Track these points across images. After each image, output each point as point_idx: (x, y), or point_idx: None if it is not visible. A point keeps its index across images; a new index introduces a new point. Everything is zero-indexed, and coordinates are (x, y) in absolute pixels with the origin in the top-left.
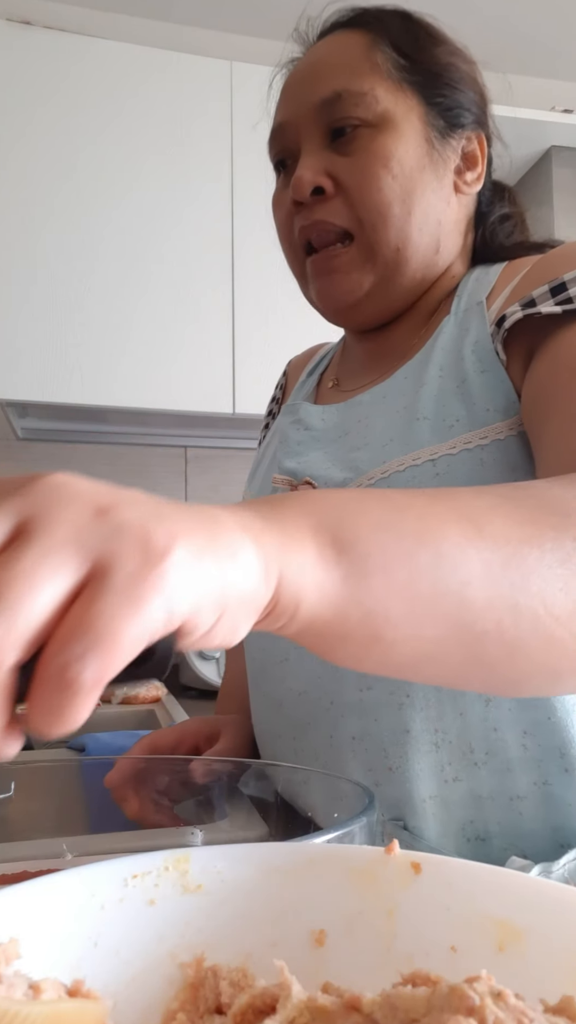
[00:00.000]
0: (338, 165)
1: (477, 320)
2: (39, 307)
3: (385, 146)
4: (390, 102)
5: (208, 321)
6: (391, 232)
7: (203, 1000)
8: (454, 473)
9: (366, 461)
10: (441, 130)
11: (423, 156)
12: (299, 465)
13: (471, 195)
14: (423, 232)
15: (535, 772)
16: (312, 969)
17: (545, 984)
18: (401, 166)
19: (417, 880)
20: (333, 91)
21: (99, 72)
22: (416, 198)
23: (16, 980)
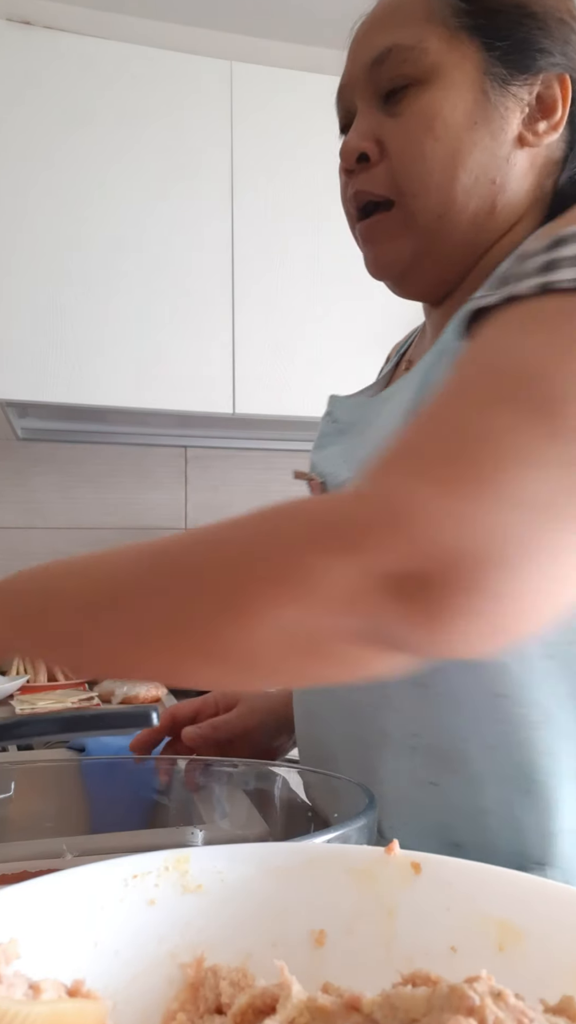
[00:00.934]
0: (386, 128)
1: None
2: (39, 307)
3: (431, 105)
4: (442, 52)
5: (208, 321)
6: (431, 199)
7: (203, 1000)
8: None
9: (364, 460)
10: (502, 78)
11: (474, 111)
12: (319, 459)
13: (543, 145)
14: (471, 195)
15: (501, 788)
16: (312, 969)
17: (545, 984)
18: (446, 126)
19: (417, 880)
20: (384, 47)
21: (99, 72)
22: (462, 159)
23: (16, 980)
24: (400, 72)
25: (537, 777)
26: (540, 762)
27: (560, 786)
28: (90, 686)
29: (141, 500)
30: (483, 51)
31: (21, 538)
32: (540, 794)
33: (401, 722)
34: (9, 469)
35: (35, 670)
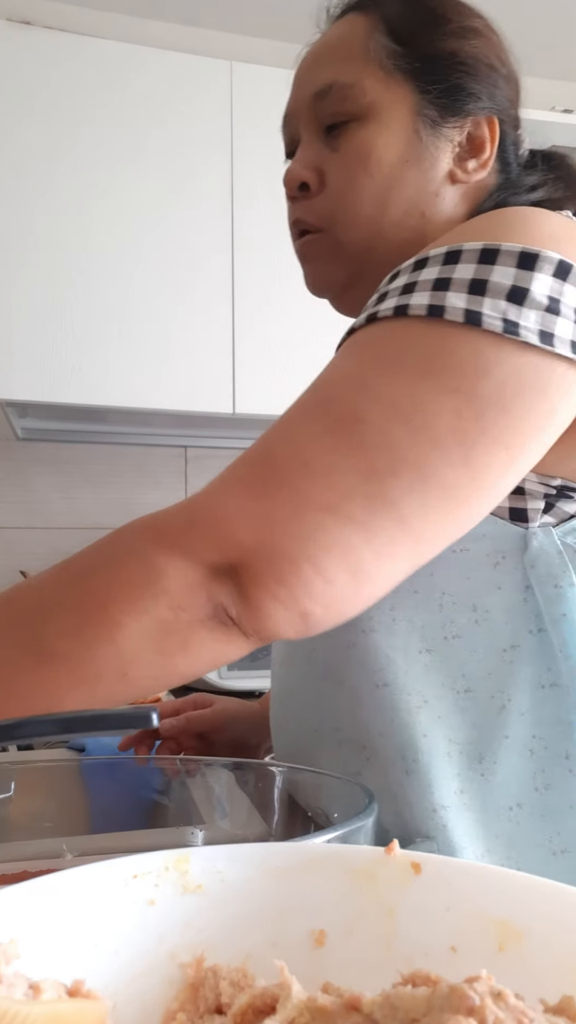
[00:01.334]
0: (327, 160)
1: None
2: (39, 307)
3: (366, 142)
4: (379, 92)
5: (208, 321)
6: (361, 231)
7: (203, 1000)
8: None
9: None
10: (434, 120)
11: (406, 151)
12: None
13: (474, 181)
14: (400, 227)
15: (393, 770)
16: (312, 969)
17: (545, 984)
18: (380, 163)
19: (417, 880)
20: (325, 83)
21: (99, 72)
22: (394, 195)
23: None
24: (340, 108)
25: (418, 757)
26: (419, 743)
27: (437, 765)
28: None
29: (141, 500)
30: (416, 93)
31: (21, 538)
32: (421, 773)
33: (327, 718)
34: (9, 469)
35: None
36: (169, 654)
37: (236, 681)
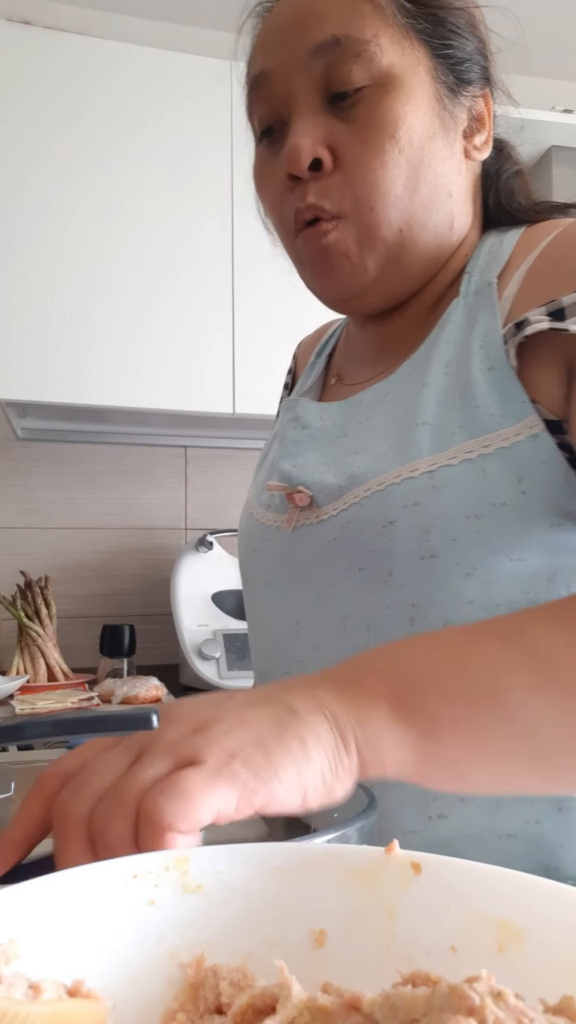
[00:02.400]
0: (338, 134)
1: (487, 306)
2: (39, 307)
3: (393, 111)
4: (396, 54)
5: (208, 321)
6: (391, 213)
7: (203, 1000)
8: (452, 486)
9: (363, 469)
10: (451, 87)
11: (434, 120)
12: (294, 468)
13: (481, 159)
14: (431, 209)
15: (527, 810)
16: (312, 969)
17: (545, 984)
18: (410, 135)
19: (417, 880)
20: (331, 35)
21: (99, 72)
22: (423, 171)
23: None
24: (351, 69)
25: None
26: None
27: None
28: (90, 686)
29: (141, 500)
30: (432, 58)
31: (21, 538)
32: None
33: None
34: (9, 469)
35: (35, 670)
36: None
37: (237, 681)
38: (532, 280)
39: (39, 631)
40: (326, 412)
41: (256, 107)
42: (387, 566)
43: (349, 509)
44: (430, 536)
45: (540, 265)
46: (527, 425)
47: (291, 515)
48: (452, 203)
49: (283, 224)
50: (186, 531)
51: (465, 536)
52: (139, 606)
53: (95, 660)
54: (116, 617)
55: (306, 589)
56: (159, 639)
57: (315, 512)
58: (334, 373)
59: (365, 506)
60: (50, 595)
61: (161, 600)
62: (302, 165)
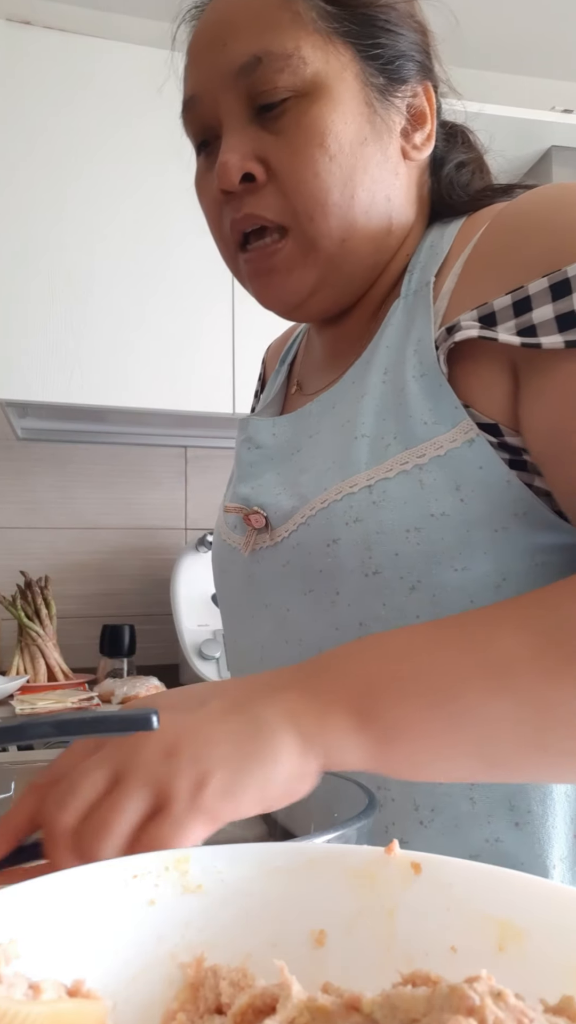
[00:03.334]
0: (267, 145)
1: (423, 308)
2: (39, 307)
3: (320, 119)
4: (320, 61)
5: (208, 321)
6: (332, 222)
7: (203, 1000)
8: (391, 500)
9: (309, 487)
10: (381, 89)
11: (363, 125)
12: (252, 491)
13: (421, 158)
14: (370, 215)
15: (485, 828)
16: (312, 969)
17: (545, 984)
18: (339, 142)
19: (417, 880)
20: (251, 55)
21: (99, 72)
22: (359, 178)
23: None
24: (275, 83)
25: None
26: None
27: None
28: (90, 686)
29: (141, 500)
30: (359, 60)
31: (21, 538)
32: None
33: (365, 778)
34: (9, 469)
35: (35, 670)
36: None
37: None
38: (466, 278)
39: (39, 631)
40: (278, 428)
41: (188, 126)
42: (333, 585)
43: (298, 530)
44: (372, 552)
45: (473, 260)
46: (461, 431)
47: (248, 538)
48: (391, 206)
49: (222, 238)
50: (186, 531)
51: (406, 550)
52: (139, 606)
53: (95, 660)
54: (116, 617)
55: (266, 615)
56: (159, 639)
57: (270, 534)
58: (295, 381)
59: (311, 525)
60: (50, 595)
61: (161, 600)
62: (233, 180)
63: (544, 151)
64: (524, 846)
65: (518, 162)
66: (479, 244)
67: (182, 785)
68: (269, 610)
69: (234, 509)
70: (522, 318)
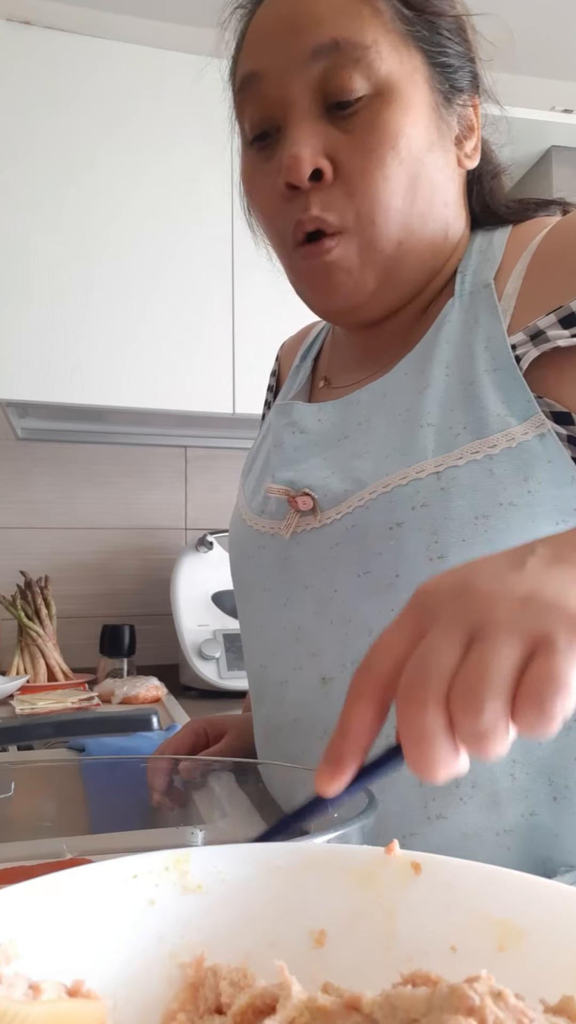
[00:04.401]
0: (338, 143)
1: (486, 307)
2: (39, 307)
3: (393, 122)
4: (394, 62)
5: (208, 321)
6: (392, 226)
7: (203, 1000)
8: (460, 486)
9: (367, 472)
10: (446, 96)
11: (431, 130)
12: (297, 474)
13: (473, 166)
14: (427, 219)
15: (523, 803)
16: (312, 969)
17: (545, 984)
18: (410, 147)
19: (417, 880)
20: (330, 38)
21: (99, 72)
22: (422, 183)
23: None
24: (351, 76)
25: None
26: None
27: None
28: (90, 686)
29: (141, 500)
30: (427, 66)
31: (21, 538)
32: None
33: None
34: (9, 469)
35: (35, 670)
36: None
37: (237, 681)
38: (532, 281)
39: (39, 631)
40: (323, 413)
41: (247, 108)
42: (393, 569)
43: (353, 512)
44: (439, 537)
45: (537, 264)
46: (533, 424)
47: (290, 520)
48: (447, 212)
49: (279, 234)
50: (186, 531)
51: (473, 537)
52: (139, 606)
53: (95, 660)
54: (116, 617)
55: (306, 595)
56: (159, 639)
57: (317, 517)
58: (321, 376)
59: (371, 509)
60: (50, 595)
61: (161, 600)
62: (303, 176)
63: (544, 151)
64: (559, 818)
65: (518, 162)
66: (543, 248)
67: (557, 621)
68: (311, 591)
69: (279, 491)
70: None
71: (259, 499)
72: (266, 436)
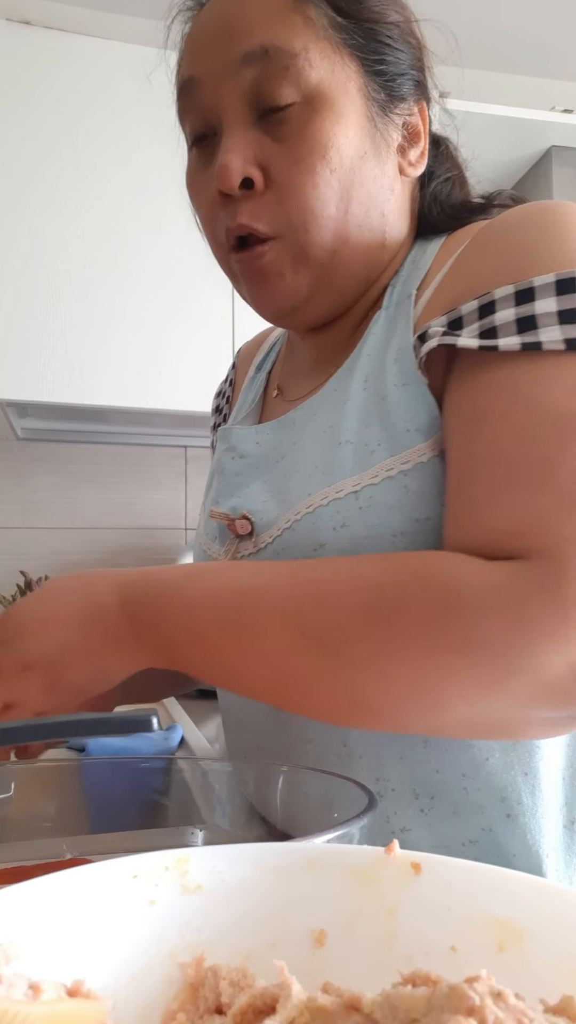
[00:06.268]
0: (269, 152)
1: (404, 318)
2: (39, 307)
3: (323, 131)
4: (326, 70)
5: (208, 321)
6: (324, 234)
7: (203, 1000)
8: (377, 505)
9: (293, 493)
10: (382, 105)
11: (364, 140)
12: (239, 500)
13: (416, 174)
14: (363, 229)
15: (479, 818)
16: (312, 969)
17: (545, 984)
18: (340, 156)
19: (417, 880)
20: (259, 45)
21: (99, 72)
22: (356, 191)
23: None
24: (280, 83)
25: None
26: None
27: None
28: None
29: (141, 500)
30: (363, 74)
31: (21, 538)
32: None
33: (365, 769)
34: (9, 469)
35: None
36: (481, 733)
37: None
38: (443, 287)
39: None
40: (261, 436)
41: (185, 114)
42: None
43: (283, 535)
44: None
45: (452, 271)
46: (439, 441)
47: (230, 546)
48: (385, 222)
49: (215, 239)
50: (186, 531)
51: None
52: None
53: None
54: None
55: None
56: None
57: (253, 541)
58: (275, 385)
59: (296, 531)
60: None
61: None
62: (232, 184)
63: (544, 151)
64: (516, 837)
65: (518, 162)
66: (459, 258)
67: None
68: None
69: (220, 516)
70: (485, 320)
71: (211, 524)
72: (213, 463)
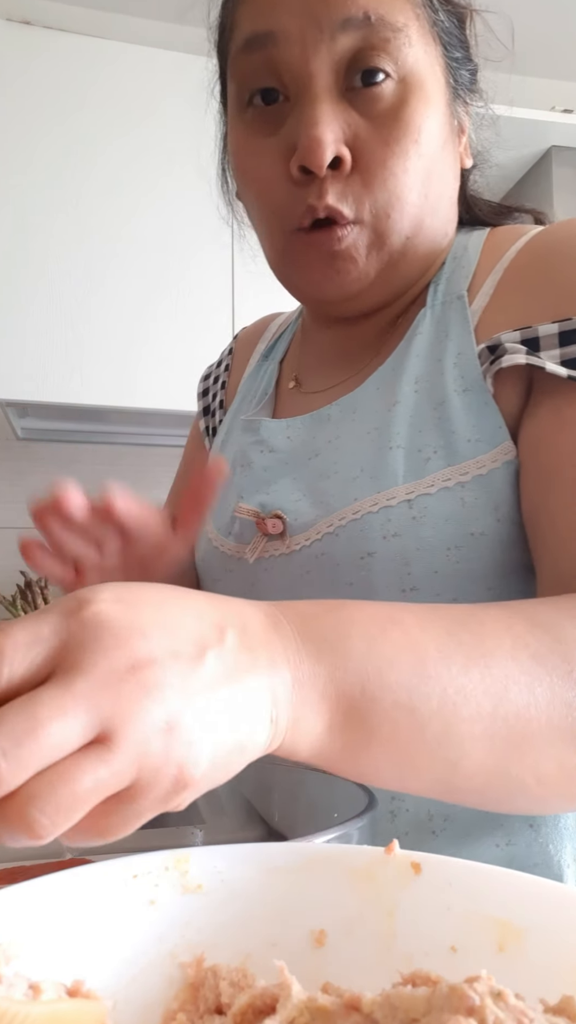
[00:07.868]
0: (359, 130)
1: (458, 320)
2: (40, 307)
3: (417, 114)
4: (420, 50)
5: (209, 321)
6: (404, 221)
7: (203, 1000)
8: (432, 516)
9: (335, 496)
10: (455, 92)
11: (445, 126)
12: (268, 497)
13: (469, 165)
14: (435, 217)
15: (498, 832)
16: (312, 969)
17: (545, 984)
18: (430, 140)
19: (417, 880)
20: (363, 11)
21: (99, 72)
22: (435, 178)
23: (16, 980)
24: (378, 55)
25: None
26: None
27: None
28: None
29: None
30: (445, 59)
31: None
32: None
33: (381, 788)
34: (9, 469)
35: None
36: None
37: None
38: (501, 295)
39: None
40: (292, 430)
41: (249, 69)
42: (366, 599)
43: (323, 539)
44: (411, 568)
45: (509, 279)
46: (502, 451)
47: (256, 544)
48: (452, 210)
49: (279, 217)
50: None
51: (446, 568)
52: None
53: None
54: None
55: None
56: None
57: (285, 542)
58: (290, 376)
59: (340, 536)
60: (50, 595)
61: None
62: (323, 163)
63: (544, 151)
64: (537, 847)
65: (518, 162)
66: (515, 265)
67: (167, 775)
68: None
69: (248, 513)
70: (568, 348)
71: (226, 519)
72: (224, 447)
